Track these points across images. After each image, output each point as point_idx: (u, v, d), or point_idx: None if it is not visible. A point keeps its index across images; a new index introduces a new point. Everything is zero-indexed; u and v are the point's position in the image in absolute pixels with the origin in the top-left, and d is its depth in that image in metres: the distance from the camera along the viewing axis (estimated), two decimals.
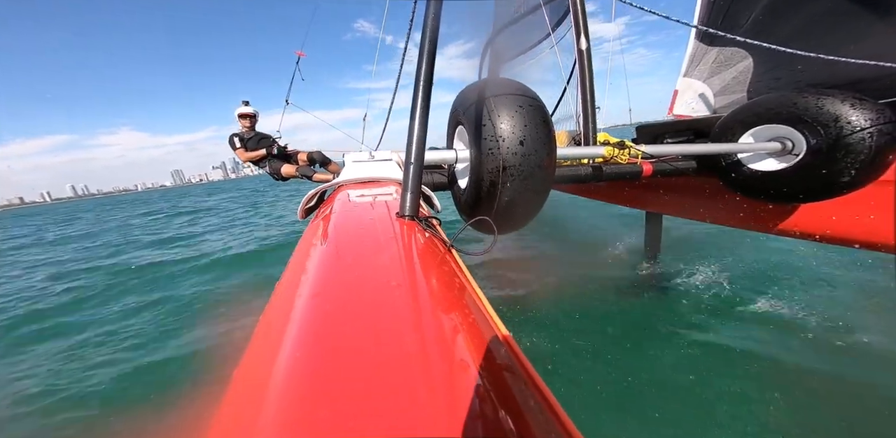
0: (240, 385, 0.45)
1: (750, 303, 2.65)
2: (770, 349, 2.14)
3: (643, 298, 2.87)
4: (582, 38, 2.52)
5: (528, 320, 2.51)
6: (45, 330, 3.37)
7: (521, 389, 0.43)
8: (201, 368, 2.21)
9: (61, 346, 2.96)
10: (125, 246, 7.66)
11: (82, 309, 3.86)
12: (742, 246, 3.59)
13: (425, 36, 1.09)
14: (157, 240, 7.67)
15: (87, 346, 2.89)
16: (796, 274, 3.00)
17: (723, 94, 2.84)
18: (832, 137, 1.52)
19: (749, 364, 2.03)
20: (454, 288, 0.68)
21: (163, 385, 2.14)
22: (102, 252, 7.18)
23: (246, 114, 3.63)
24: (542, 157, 1.17)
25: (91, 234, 10.98)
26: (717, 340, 2.27)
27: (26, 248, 9.80)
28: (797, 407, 1.70)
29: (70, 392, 2.20)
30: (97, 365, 2.51)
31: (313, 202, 1.61)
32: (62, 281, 5.11)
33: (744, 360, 2.06)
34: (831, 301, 2.60)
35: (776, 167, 1.74)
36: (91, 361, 2.60)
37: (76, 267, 5.97)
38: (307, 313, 0.55)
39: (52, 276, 5.54)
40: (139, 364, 2.47)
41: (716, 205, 2.35)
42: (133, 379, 2.28)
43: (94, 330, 3.22)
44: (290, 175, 3.65)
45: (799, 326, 2.33)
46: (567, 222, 5.30)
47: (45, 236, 12.63)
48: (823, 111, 1.54)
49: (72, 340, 3.01)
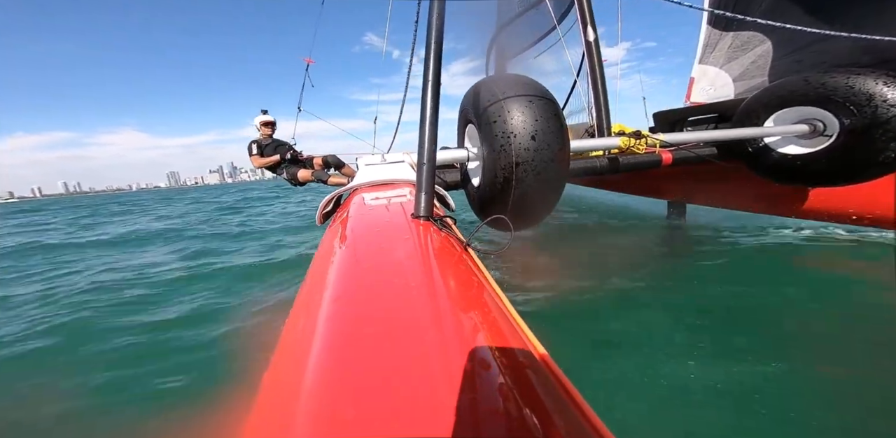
0: (270, 390, 0.47)
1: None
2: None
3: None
4: (589, 30, 2.47)
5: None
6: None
7: (546, 388, 0.42)
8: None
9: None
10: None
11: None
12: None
13: (430, 36, 1.09)
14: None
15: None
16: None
17: (742, 79, 2.72)
18: (867, 116, 1.44)
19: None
20: (472, 288, 0.67)
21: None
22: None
23: (267, 122, 3.78)
24: (555, 151, 1.15)
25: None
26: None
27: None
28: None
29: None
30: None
31: (330, 206, 1.64)
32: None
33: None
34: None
35: (807, 150, 1.66)
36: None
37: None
38: (329, 317, 0.56)
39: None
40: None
41: (742, 192, 2.25)
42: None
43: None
44: (306, 179, 3.73)
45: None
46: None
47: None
48: (855, 90, 1.46)
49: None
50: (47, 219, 13.46)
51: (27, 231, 9.08)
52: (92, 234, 7.21)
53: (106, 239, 6.23)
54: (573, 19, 2.80)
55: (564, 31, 3.17)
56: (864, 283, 2.14)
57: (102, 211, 16.08)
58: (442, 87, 1.09)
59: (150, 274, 3.53)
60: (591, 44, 2.46)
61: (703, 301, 2.06)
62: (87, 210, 18.14)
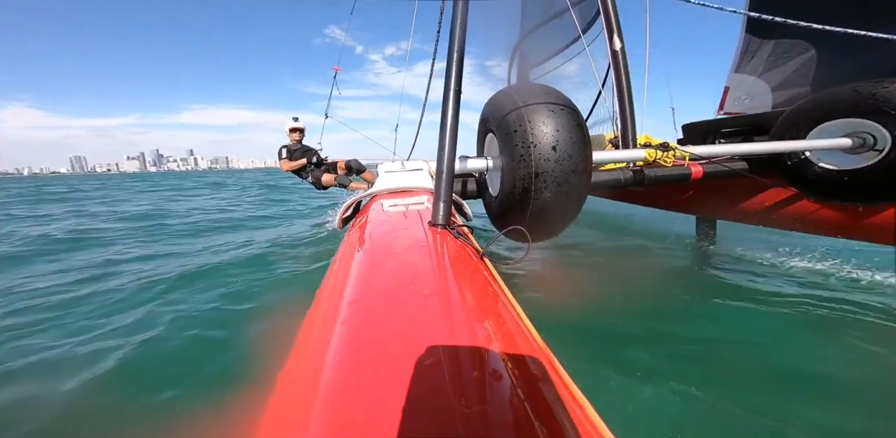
0: (284, 390, 0.48)
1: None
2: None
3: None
4: (615, 38, 2.44)
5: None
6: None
7: (556, 400, 0.42)
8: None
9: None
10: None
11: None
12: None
13: (453, 45, 1.11)
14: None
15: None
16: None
17: (782, 89, 2.59)
18: None
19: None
20: (487, 297, 0.67)
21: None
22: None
23: (296, 129, 4.01)
24: (577, 162, 1.13)
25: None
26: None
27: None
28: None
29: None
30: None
31: (350, 212, 1.67)
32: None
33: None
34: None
35: (854, 165, 1.55)
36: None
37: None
38: (345, 320, 0.57)
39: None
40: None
41: (780, 209, 2.11)
42: None
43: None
44: (329, 184, 3.89)
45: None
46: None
47: None
48: None
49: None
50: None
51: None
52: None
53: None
54: (599, 28, 2.77)
55: (590, 40, 3.14)
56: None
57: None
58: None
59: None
60: (617, 53, 2.42)
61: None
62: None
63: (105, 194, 14.47)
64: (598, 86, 2.96)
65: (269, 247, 3.65)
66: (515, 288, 0.83)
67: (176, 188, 17.56)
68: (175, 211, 7.43)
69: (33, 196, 15.00)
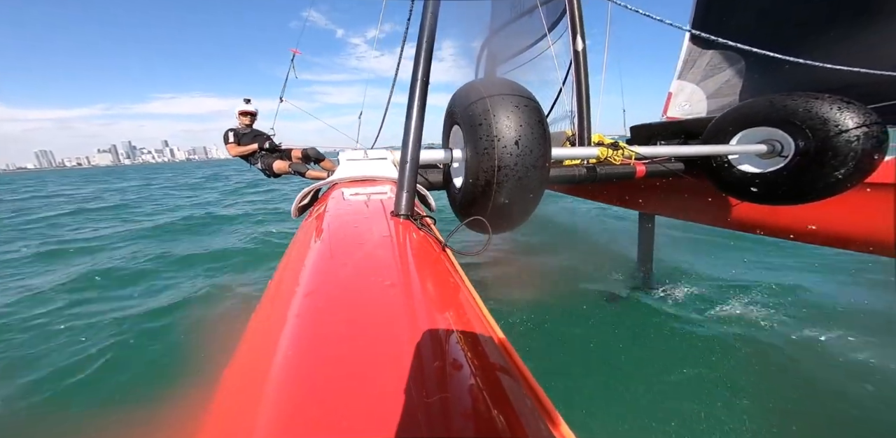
0: (231, 385, 0.45)
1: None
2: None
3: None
4: (578, 39, 2.53)
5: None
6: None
7: (514, 389, 0.43)
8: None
9: None
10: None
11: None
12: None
13: (423, 36, 1.09)
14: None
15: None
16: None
17: (715, 97, 2.88)
18: (820, 139, 1.54)
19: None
20: (448, 288, 0.68)
21: None
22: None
23: (247, 112, 3.67)
24: (537, 157, 1.17)
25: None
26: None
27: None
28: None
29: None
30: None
31: (307, 200, 1.59)
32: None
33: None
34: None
35: (765, 169, 1.77)
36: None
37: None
38: (300, 312, 0.55)
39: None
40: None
41: (706, 207, 2.38)
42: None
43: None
44: (282, 171, 3.62)
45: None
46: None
47: None
48: (812, 114, 1.56)
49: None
50: None
51: None
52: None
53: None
54: (564, 27, 2.86)
55: (554, 39, 3.23)
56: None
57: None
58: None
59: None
60: (578, 53, 2.52)
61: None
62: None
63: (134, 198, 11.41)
64: (560, 84, 3.08)
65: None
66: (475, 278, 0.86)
67: (194, 186, 15.37)
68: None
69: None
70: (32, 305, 3.05)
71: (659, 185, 2.55)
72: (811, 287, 3.03)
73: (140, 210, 8.96)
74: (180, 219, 6.80)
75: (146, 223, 6.76)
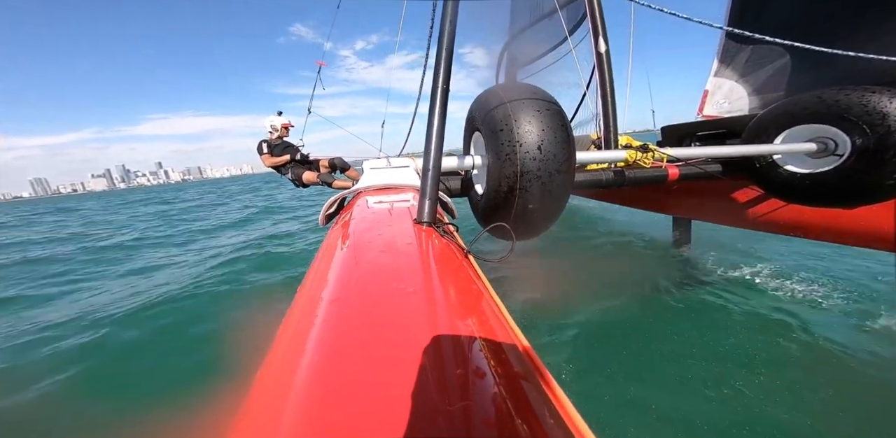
0: (260, 389, 0.47)
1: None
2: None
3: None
4: (601, 41, 2.48)
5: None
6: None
7: (537, 398, 0.42)
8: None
9: None
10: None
11: None
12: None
13: (442, 43, 1.11)
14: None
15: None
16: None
17: (758, 94, 2.70)
18: (879, 136, 1.42)
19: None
20: (470, 295, 0.67)
21: None
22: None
23: (287, 125, 3.91)
24: (561, 162, 1.15)
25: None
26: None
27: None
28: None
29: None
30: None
31: (333, 208, 1.65)
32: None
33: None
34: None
35: (817, 169, 1.64)
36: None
37: None
38: (326, 318, 0.56)
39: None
40: None
41: (749, 210, 2.22)
42: None
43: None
44: (311, 181, 3.80)
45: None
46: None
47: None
48: (869, 109, 1.44)
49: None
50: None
51: None
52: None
53: None
54: (586, 30, 2.82)
55: (576, 42, 3.19)
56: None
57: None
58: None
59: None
60: (601, 55, 2.47)
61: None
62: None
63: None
64: (583, 88, 3.01)
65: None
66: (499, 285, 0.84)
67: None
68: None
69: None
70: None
71: (694, 189, 2.41)
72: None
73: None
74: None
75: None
